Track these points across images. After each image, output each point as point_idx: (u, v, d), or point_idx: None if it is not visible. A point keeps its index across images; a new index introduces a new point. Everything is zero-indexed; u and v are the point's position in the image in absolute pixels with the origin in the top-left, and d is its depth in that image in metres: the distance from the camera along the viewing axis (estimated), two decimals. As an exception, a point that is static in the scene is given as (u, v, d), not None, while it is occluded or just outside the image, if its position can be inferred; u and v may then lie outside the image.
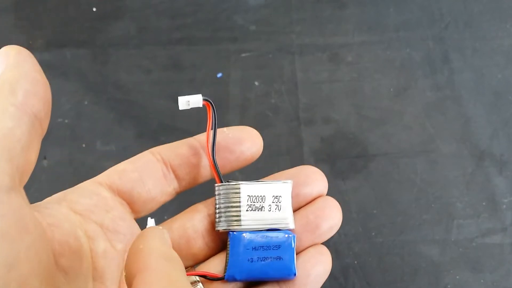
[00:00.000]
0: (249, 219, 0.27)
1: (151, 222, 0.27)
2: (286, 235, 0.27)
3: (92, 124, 0.46)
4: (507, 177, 0.44)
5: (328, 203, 0.28)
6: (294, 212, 0.28)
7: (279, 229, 0.27)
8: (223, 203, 0.27)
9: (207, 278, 0.27)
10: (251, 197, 0.27)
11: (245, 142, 0.28)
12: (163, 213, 0.28)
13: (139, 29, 0.50)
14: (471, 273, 0.41)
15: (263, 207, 0.27)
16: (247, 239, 0.27)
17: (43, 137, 0.22)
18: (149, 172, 0.27)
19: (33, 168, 0.22)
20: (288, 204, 0.27)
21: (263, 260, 0.26)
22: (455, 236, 0.42)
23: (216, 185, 0.28)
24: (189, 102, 0.27)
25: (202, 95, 0.27)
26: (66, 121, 0.46)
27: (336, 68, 0.48)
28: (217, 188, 0.28)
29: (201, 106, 0.27)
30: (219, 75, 0.48)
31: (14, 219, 0.19)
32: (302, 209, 0.28)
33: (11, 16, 0.50)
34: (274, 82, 0.47)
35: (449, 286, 0.41)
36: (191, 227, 0.28)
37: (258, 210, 0.27)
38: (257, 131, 0.28)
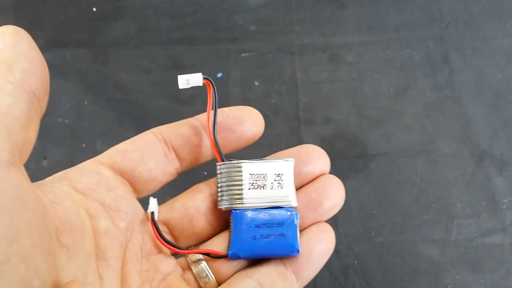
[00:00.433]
0: (251, 197, 0.27)
1: (153, 202, 0.27)
2: (289, 213, 0.27)
3: (92, 124, 0.46)
4: (507, 177, 0.44)
5: (330, 182, 0.28)
6: (296, 190, 0.28)
7: (282, 207, 0.27)
8: (225, 182, 0.27)
9: (211, 256, 0.27)
10: (253, 175, 0.27)
11: (246, 121, 0.28)
12: (165, 193, 0.28)
13: (139, 29, 0.50)
14: (471, 273, 0.41)
15: (265, 185, 0.27)
16: (250, 216, 0.27)
17: (41, 117, 0.22)
18: (151, 152, 0.27)
19: (32, 146, 0.22)
20: (290, 182, 0.27)
21: (266, 238, 0.26)
22: (455, 236, 0.42)
23: (218, 164, 0.28)
24: (189, 80, 0.27)
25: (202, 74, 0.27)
26: (66, 121, 0.46)
27: (336, 68, 0.48)
28: (218, 167, 0.27)
29: (201, 85, 0.27)
30: (219, 75, 0.48)
31: (14, 194, 0.19)
32: (304, 187, 0.28)
33: (11, 16, 0.50)
34: (274, 82, 0.47)
35: (449, 286, 0.41)
36: (193, 207, 0.28)
37: (260, 188, 0.27)
38: (258, 111, 0.28)
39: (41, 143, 0.45)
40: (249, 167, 0.27)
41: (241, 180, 0.27)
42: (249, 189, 0.27)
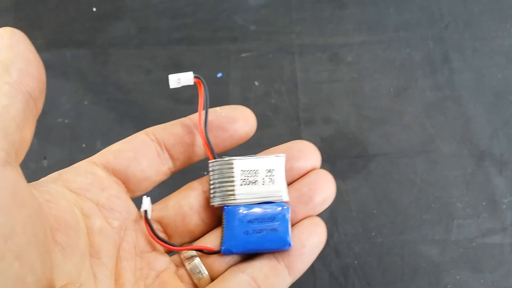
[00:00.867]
0: (243, 193, 0.27)
1: (146, 201, 0.27)
2: (280, 207, 0.27)
3: (92, 124, 0.46)
4: (507, 177, 0.44)
5: (321, 176, 0.28)
6: (288, 186, 0.28)
7: (273, 202, 0.27)
8: (217, 179, 0.27)
9: (204, 252, 0.27)
10: (245, 171, 0.27)
11: (238, 120, 0.28)
12: (158, 192, 0.29)
13: (139, 29, 0.50)
14: (471, 273, 0.41)
15: (256, 181, 0.27)
16: (242, 212, 0.27)
17: (37, 117, 0.23)
18: (144, 152, 0.27)
19: (28, 146, 0.22)
20: (281, 177, 0.27)
21: (258, 232, 0.27)
22: (455, 236, 0.42)
23: (210, 161, 0.28)
24: (180, 80, 0.27)
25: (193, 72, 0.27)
26: (66, 121, 0.46)
27: (336, 68, 0.48)
28: (210, 164, 0.28)
29: (192, 84, 0.27)
30: (219, 75, 0.48)
31: (10, 192, 0.19)
32: (295, 182, 0.28)
33: (11, 16, 0.50)
34: (274, 82, 0.47)
35: (449, 286, 0.41)
36: (187, 204, 0.28)
37: (252, 184, 0.27)
38: (250, 110, 0.29)
39: (41, 143, 0.45)
40: (240, 163, 0.27)
41: (233, 177, 0.27)
42: (241, 185, 0.27)
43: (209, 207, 0.28)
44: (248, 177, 0.27)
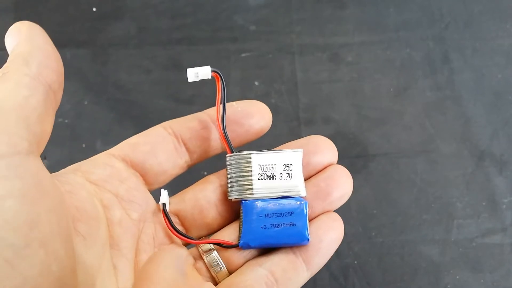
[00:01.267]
0: (260, 188, 0.27)
1: (164, 194, 0.27)
2: (298, 202, 0.27)
3: (92, 124, 0.46)
4: (507, 177, 0.44)
5: (339, 172, 0.28)
6: (305, 181, 0.28)
7: (291, 197, 0.27)
8: (234, 173, 0.28)
9: (222, 246, 0.27)
10: (262, 166, 0.27)
11: (254, 115, 0.28)
12: (175, 185, 0.29)
13: (139, 29, 0.50)
14: (471, 273, 0.41)
15: (274, 175, 0.27)
16: (260, 206, 0.27)
17: (56, 110, 0.23)
18: (161, 145, 0.27)
19: (48, 138, 0.22)
20: (299, 172, 0.27)
21: (276, 227, 0.27)
22: (455, 236, 0.42)
23: (227, 155, 0.28)
24: (198, 73, 0.27)
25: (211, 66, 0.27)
26: (66, 121, 0.46)
27: (336, 68, 0.48)
28: (228, 158, 0.28)
29: (209, 78, 0.27)
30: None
31: (34, 181, 0.20)
32: (313, 177, 0.28)
33: (11, 16, 0.50)
34: (274, 82, 0.47)
35: (449, 286, 0.41)
36: (204, 198, 0.28)
37: (270, 179, 0.27)
38: (266, 105, 0.29)
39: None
40: (258, 158, 0.27)
41: (251, 171, 0.27)
42: (258, 179, 0.27)
43: (226, 200, 0.28)
44: (266, 171, 0.27)
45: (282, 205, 0.27)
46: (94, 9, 0.50)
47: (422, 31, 0.49)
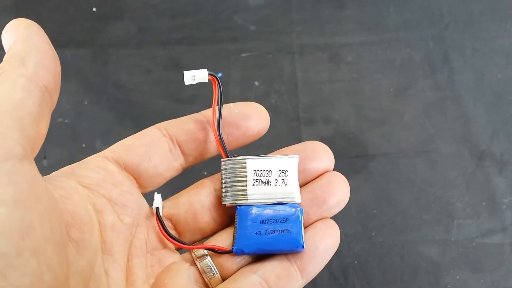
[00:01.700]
0: (255, 194, 0.27)
1: (157, 197, 0.27)
2: (293, 208, 0.27)
3: (92, 124, 0.46)
4: (507, 177, 0.44)
5: (335, 178, 0.28)
6: (301, 187, 0.28)
7: (286, 203, 0.27)
8: (229, 178, 0.27)
9: (216, 252, 0.27)
10: (257, 171, 0.27)
11: (251, 117, 0.28)
12: (169, 188, 0.29)
13: (139, 29, 0.50)
14: (471, 273, 0.41)
15: (269, 181, 0.27)
16: (255, 212, 0.27)
17: (52, 111, 0.22)
18: (156, 148, 0.27)
19: (43, 140, 0.22)
20: (294, 179, 0.27)
21: (271, 233, 0.27)
22: (455, 236, 0.42)
23: (222, 160, 0.28)
24: (195, 76, 0.27)
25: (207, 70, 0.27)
26: (66, 121, 0.46)
27: (336, 68, 0.48)
28: (223, 163, 0.28)
29: (206, 81, 0.27)
30: (219, 75, 0.48)
31: (27, 187, 0.19)
32: (309, 184, 0.28)
33: (11, 16, 0.50)
34: (274, 82, 0.47)
35: (449, 286, 0.41)
36: (198, 202, 0.28)
37: (265, 185, 0.27)
38: (264, 107, 0.28)
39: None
40: (253, 163, 0.27)
41: (246, 176, 0.27)
42: (253, 185, 0.27)
43: (220, 205, 0.28)
44: (260, 177, 0.27)
45: (277, 211, 0.27)
46: (94, 9, 0.50)
47: (422, 31, 0.49)
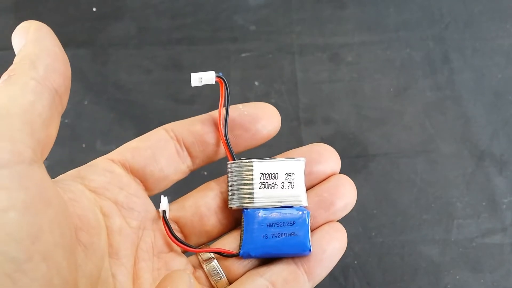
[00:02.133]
0: (262, 197, 0.27)
1: (164, 200, 0.27)
2: (300, 212, 0.27)
3: (92, 124, 0.46)
4: (507, 177, 0.44)
5: (342, 181, 0.28)
6: (307, 190, 0.28)
7: (292, 206, 0.27)
8: (235, 181, 0.27)
9: (222, 255, 0.27)
10: (264, 174, 0.27)
11: (261, 119, 0.28)
12: (171, 189, 0.28)
13: (139, 29, 0.50)
14: (471, 273, 0.41)
15: (276, 184, 0.27)
16: (262, 216, 0.27)
17: (62, 114, 0.22)
18: (162, 150, 0.27)
19: (52, 143, 0.22)
20: (301, 182, 0.27)
21: (278, 237, 0.26)
22: (455, 236, 0.42)
23: (229, 162, 0.27)
24: (202, 78, 0.27)
25: (215, 71, 0.27)
26: (66, 121, 0.46)
27: (336, 68, 0.48)
28: (229, 165, 0.27)
29: (213, 83, 0.27)
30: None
31: (37, 191, 0.19)
32: (316, 187, 0.28)
33: (11, 16, 0.50)
34: (274, 82, 0.47)
35: (449, 286, 0.41)
36: (204, 205, 0.27)
37: (271, 188, 0.27)
38: (275, 108, 0.28)
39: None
40: (260, 166, 0.27)
41: (252, 179, 0.27)
42: (259, 188, 0.27)
43: (226, 208, 0.28)
44: (267, 180, 0.27)
45: (284, 214, 0.27)
46: (94, 9, 0.50)
47: (422, 31, 0.49)
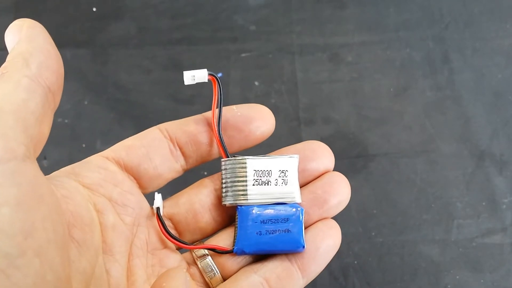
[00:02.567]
0: (255, 194, 0.27)
1: (158, 197, 0.27)
2: (294, 209, 0.27)
3: (92, 124, 0.46)
4: (507, 177, 0.44)
5: (336, 178, 0.28)
6: (301, 187, 0.28)
7: (286, 203, 0.27)
8: (229, 178, 0.27)
9: (216, 252, 0.27)
10: (258, 171, 0.27)
11: (254, 120, 0.28)
12: (169, 188, 0.29)
13: (139, 29, 0.50)
14: (471, 273, 0.41)
15: (269, 181, 0.27)
16: (255, 212, 0.27)
17: (55, 111, 0.23)
18: (156, 149, 0.27)
19: (45, 141, 0.22)
20: (294, 179, 0.27)
21: (272, 233, 0.27)
22: (455, 236, 0.42)
23: (222, 159, 0.28)
24: (194, 77, 0.27)
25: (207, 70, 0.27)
26: (66, 121, 0.46)
27: (336, 68, 0.48)
28: (223, 162, 0.28)
29: (206, 81, 0.27)
30: (219, 75, 0.48)
31: (30, 188, 0.19)
32: (310, 184, 0.28)
33: (11, 16, 0.50)
34: (274, 82, 0.47)
35: (449, 286, 0.41)
36: (198, 202, 0.28)
37: (265, 185, 0.27)
38: (269, 109, 0.28)
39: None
40: (253, 163, 0.27)
41: (246, 176, 0.27)
42: (253, 185, 0.27)
43: (220, 205, 0.28)
44: (261, 177, 0.27)
45: (278, 211, 0.27)
46: (94, 9, 0.50)
47: (422, 31, 0.49)
